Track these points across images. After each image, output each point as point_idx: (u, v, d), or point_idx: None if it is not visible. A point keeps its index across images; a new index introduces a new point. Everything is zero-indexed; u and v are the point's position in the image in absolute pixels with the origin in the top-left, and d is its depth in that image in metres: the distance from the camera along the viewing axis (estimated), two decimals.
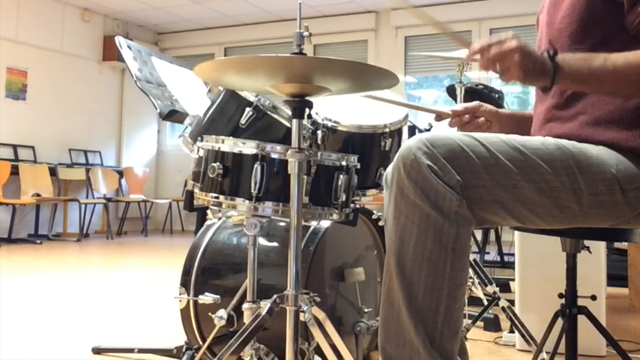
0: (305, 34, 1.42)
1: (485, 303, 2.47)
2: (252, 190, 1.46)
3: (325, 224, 1.85)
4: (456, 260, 1.15)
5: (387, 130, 1.91)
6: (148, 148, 9.27)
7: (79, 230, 7.34)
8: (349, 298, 1.96)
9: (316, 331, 1.44)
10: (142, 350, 2.21)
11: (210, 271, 1.96)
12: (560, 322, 1.55)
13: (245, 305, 1.55)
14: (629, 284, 3.44)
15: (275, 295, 1.40)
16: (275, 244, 1.96)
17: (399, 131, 1.96)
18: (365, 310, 1.93)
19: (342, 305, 1.95)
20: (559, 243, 1.56)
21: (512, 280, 2.70)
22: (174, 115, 2.02)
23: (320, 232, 1.83)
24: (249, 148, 1.48)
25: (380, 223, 2.06)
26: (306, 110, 1.43)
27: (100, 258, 5.76)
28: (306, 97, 1.40)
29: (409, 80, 8.18)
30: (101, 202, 7.65)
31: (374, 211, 2.08)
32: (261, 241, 1.92)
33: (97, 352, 2.24)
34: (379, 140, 1.90)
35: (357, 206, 1.77)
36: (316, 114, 1.90)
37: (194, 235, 2.06)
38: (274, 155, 1.47)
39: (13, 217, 6.95)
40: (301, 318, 1.40)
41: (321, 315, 1.46)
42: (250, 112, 1.74)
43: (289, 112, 1.48)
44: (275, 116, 1.78)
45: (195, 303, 1.90)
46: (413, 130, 2.86)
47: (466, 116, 1.57)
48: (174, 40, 9.39)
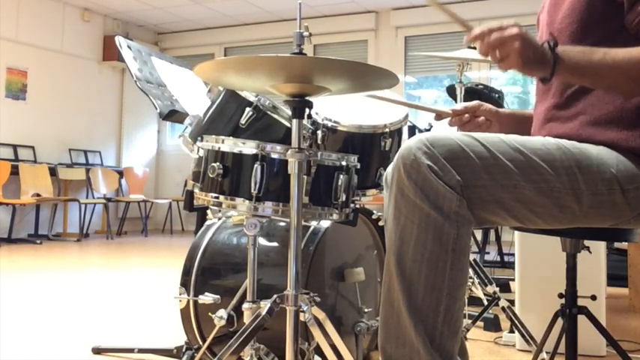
0: (305, 34, 1.42)
1: (485, 303, 2.47)
2: (252, 190, 1.46)
3: (325, 224, 1.85)
4: (456, 260, 1.15)
5: (387, 130, 1.91)
6: (148, 148, 9.27)
7: (79, 230, 7.34)
8: (349, 298, 1.96)
9: (316, 331, 1.44)
10: (142, 350, 2.21)
11: (210, 271, 1.96)
12: (560, 322, 1.55)
13: (245, 305, 1.55)
14: (629, 284, 3.44)
15: (275, 295, 1.40)
16: (275, 244, 1.96)
17: (399, 131, 1.96)
18: (365, 310, 1.93)
19: (342, 305, 1.95)
20: (559, 243, 1.56)
21: (512, 280, 2.70)
22: (174, 115, 2.02)
23: (320, 232, 1.83)
24: (249, 148, 1.48)
25: (380, 223, 2.06)
26: (306, 110, 1.43)
27: (100, 258, 5.76)
28: (306, 97, 1.40)
29: (409, 80, 8.18)
30: (101, 202, 7.66)
31: (374, 211, 2.08)
32: (261, 241, 1.92)
33: (97, 352, 2.24)
34: (379, 140, 1.90)
35: (357, 206, 1.77)
36: (316, 114, 1.90)
37: (194, 235, 2.06)
38: (274, 155, 1.48)
39: (13, 217, 6.95)
40: (301, 318, 1.40)
41: (321, 315, 1.46)
42: (250, 112, 1.74)
43: (289, 112, 1.48)
44: (275, 116, 1.78)
45: (195, 303, 1.90)
46: (413, 130, 2.86)
47: (466, 115, 1.56)
48: (174, 40, 9.39)
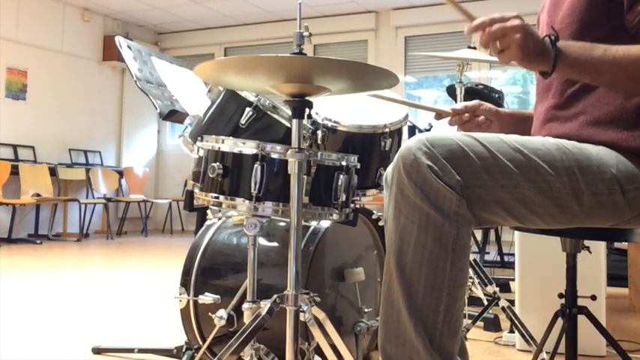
0: (305, 34, 1.42)
1: (485, 303, 2.47)
2: (252, 190, 1.46)
3: (325, 224, 1.85)
4: (456, 260, 1.15)
5: (387, 130, 1.91)
6: (148, 148, 9.27)
7: (79, 230, 7.34)
8: (349, 298, 1.96)
9: (316, 331, 1.44)
10: (142, 350, 2.21)
11: (210, 271, 1.96)
12: (560, 322, 1.55)
13: (245, 305, 1.55)
14: (629, 284, 3.44)
15: (275, 295, 1.40)
16: (275, 244, 1.96)
17: (399, 131, 1.96)
18: (365, 310, 1.93)
19: (342, 305, 1.95)
20: (559, 243, 1.56)
21: (512, 280, 2.70)
22: (174, 115, 2.02)
23: (320, 232, 1.83)
24: (249, 148, 1.48)
25: (380, 223, 2.06)
26: (306, 110, 1.43)
27: (100, 258, 5.76)
28: (306, 97, 1.40)
29: (409, 80, 8.17)
30: (101, 202, 7.66)
31: (374, 211, 2.08)
32: (261, 241, 1.92)
33: (97, 352, 2.24)
34: (379, 140, 1.90)
35: (357, 206, 1.77)
36: (316, 114, 1.90)
37: (194, 235, 2.06)
38: (274, 155, 1.47)
39: (13, 217, 6.95)
40: (301, 318, 1.40)
41: (321, 315, 1.46)
42: (250, 112, 1.74)
43: (289, 112, 1.48)
44: (275, 116, 1.78)
45: (195, 303, 1.90)
46: (413, 130, 2.86)
47: (466, 115, 1.56)
48: (174, 40, 9.39)
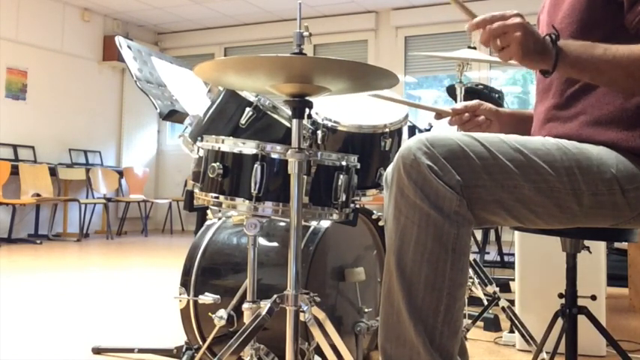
0: (305, 34, 1.42)
1: (485, 303, 2.47)
2: (252, 190, 1.46)
3: (325, 224, 1.85)
4: (456, 260, 1.15)
5: (387, 130, 1.91)
6: (148, 148, 9.27)
7: (79, 230, 7.34)
8: (349, 298, 1.96)
9: (316, 331, 1.44)
10: (142, 350, 2.21)
11: (210, 271, 1.96)
12: (560, 322, 1.55)
13: (245, 305, 1.55)
14: (629, 284, 3.44)
15: (275, 295, 1.40)
16: (275, 244, 1.96)
17: (399, 131, 1.96)
18: (365, 310, 1.93)
19: (342, 305, 1.95)
20: (559, 243, 1.56)
21: (512, 280, 2.70)
22: (174, 115, 2.02)
23: (320, 232, 1.83)
24: (249, 148, 1.48)
25: (380, 223, 2.06)
26: (306, 110, 1.43)
27: (100, 258, 5.76)
28: (306, 97, 1.40)
29: (409, 80, 8.18)
30: (101, 202, 7.66)
31: (374, 211, 2.08)
32: (261, 241, 1.92)
33: (97, 352, 2.24)
34: (379, 140, 1.90)
35: (357, 206, 1.77)
36: (316, 114, 1.90)
37: (194, 235, 2.06)
38: (274, 155, 1.47)
39: (13, 217, 6.95)
40: (301, 318, 1.40)
41: (321, 315, 1.46)
42: (250, 112, 1.74)
43: (289, 112, 1.48)
44: (275, 116, 1.78)
45: (195, 303, 1.90)
46: (413, 130, 2.86)
47: (466, 115, 1.56)
48: (174, 40, 9.39)
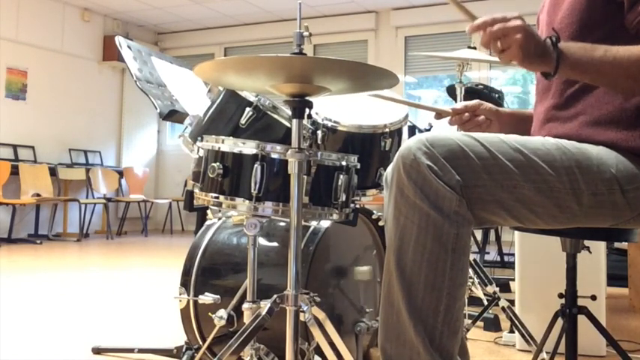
0: (305, 34, 1.42)
1: (485, 303, 2.47)
2: (252, 190, 1.46)
3: (325, 224, 1.85)
4: (456, 260, 1.15)
5: (387, 130, 1.91)
6: (148, 148, 9.27)
7: (79, 230, 7.34)
8: (350, 297, 1.96)
9: (316, 331, 1.44)
10: (142, 350, 2.21)
11: (210, 271, 1.96)
12: (560, 322, 1.55)
13: (245, 305, 1.55)
14: (629, 284, 3.44)
15: (275, 295, 1.40)
16: (275, 244, 1.96)
17: (399, 131, 1.96)
18: (366, 310, 1.93)
19: (342, 305, 1.95)
20: (559, 243, 1.56)
21: (512, 280, 2.70)
22: (174, 115, 2.02)
23: (320, 232, 1.83)
24: (249, 148, 1.48)
25: (380, 223, 2.06)
26: (306, 110, 1.43)
27: (100, 258, 5.76)
28: (306, 97, 1.40)
29: (409, 80, 8.18)
30: (101, 202, 7.66)
31: (374, 211, 2.08)
32: (261, 241, 1.92)
33: (97, 352, 2.24)
34: (379, 140, 1.90)
35: (357, 206, 1.77)
36: (316, 114, 1.90)
37: (194, 235, 2.06)
38: (274, 155, 1.47)
39: (13, 217, 6.95)
40: (301, 318, 1.40)
41: (321, 315, 1.46)
42: (250, 112, 1.74)
43: (289, 112, 1.48)
44: (275, 116, 1.78)
45: (195, 303, 1.90)
46: (413, 130, 2.86)
47: (466, 114, 1.56)
48: (174, 40, 9.39)
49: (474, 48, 2.76)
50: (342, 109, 1.93)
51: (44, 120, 7.73)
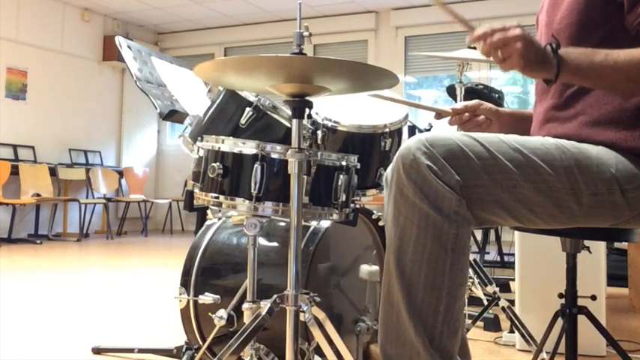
0: (305, 34, 1.42)
1: (485, 303, 2.47)
2: (252, 190, 1.46)
3: (325, 224, 1.85)
4: (456, 260, 1.15)
5: (387, 130, 1.91)
6: (148, 148, 9.27)
7: (79, 230, 7.34)
8: (350, 297, 1.96)
9: (316, 331, 1.44)
10: (142, 350, 2.21)
11: (210, 271, 1.96)
12: (560, 322, 1.55)
13: (245, 305, 1.55)
14: (629, 284, 3.44)
15: (275, 295, 1.40)
16: (275, 244, 1.96)
17: (399, 131, 1.96)
18: (369, 310, 1.93)
19: (342, 305, 1.95)
20: (559, 243, 1.56)
21: (512, 280, 2.70)
22: (174, 115, 2.02)
23: (320, 232, 1.83)
24: (249, 148, 1.48)
25: (380, 223, 2.06)
26: (306, 110, 1.43)
27: (100, 258, 5.76)
28: (306, 97, 1.40)
29: (409, 80, 8.17)
30: (101, 202, 7.66)
31: (374, 211, 2.08)
32: (261, 241, 1.92)
33: (97, 352, 2.25)
34: (379, 140, 1.90)
35: (357, 206, 1.77)
36: (316, 114, 1.90)
37: (194, 235, 2.06)
38: (274, 155, 1.47)
39: (13, 217, 6.95)
40: (301, 318, 1.40)
41: (321, 315, 1.46)
42: (250, 112, 1.74)
43: (289, 112, 1.48)
44: (275, 116, 1.78)
45: (195, 303, 1.90)
46: (413, 130, 2.86)
47: (466, 114, 1.56)
48: (174, 40, 9.39)
49: (473, 48, 2.76)
50: (342, 109, 1.93)
51: (44, 120, 7.73)
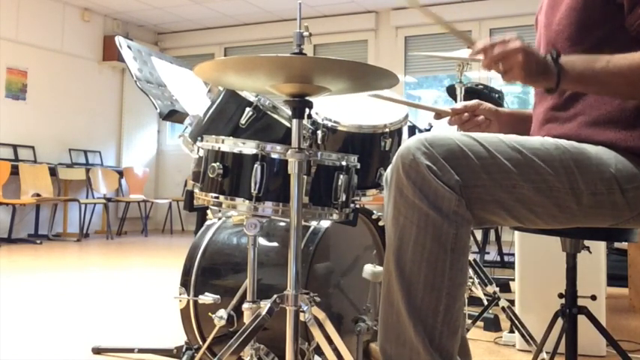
0: (305, 34, 1.42)
1: (486, 303, 2.47)
2: (252, 190, 1.46)
3: (325, 224, 1.85)
4: (456, 260, 1.15)
5: (387, 130, 1.91)
6: (148, 148, 9.27)
7: (79, 230, 7.34)
8: (350, 297, 1.96)
9: (316, 331, 1.44)
10: (142, 350, 2.21)
11: (210, 271, 1.96)
12: (560, 322, 1.55)
13: (245, 305, 1.55)
14: (629, 284, 3.44)
15: (275, 295, 1.40)
16: (275, 244, 1.96)
17: (399, 131, 1.96)
18: (370, 310, 1.93)
19: (342, 305, 1.95)
20: (559, 243, 1.56)
21: (512, 280, 2.70)
22: (174, 115, 2.02)
23: (320, 232, 1.83)
24: (249, 148, 1.48)
25: (380, 223, 2.06)
26: (306, 110, 1.43)
27: (100, 258, 5.76)
28: (306, 97, 1.40)
29: (409, 80, 8.18)
30: (101, 202, 7.66)
31: (374, 211, 2.08)
32: (261, 241, 1.92)
33: (97, 352, 2.25)
34: (379, 140, 1.90)
35: (357, 206, 1.77)
36: (316, 114, 1.90)
37: (194, 235, 2.06)
38: (274, 155, 1.47)
39: (13, 217, 6.95)
40: (301, 318, 1.40)
41: (321, 315, 1.46)
42: (250, 112, 1.74)
43: (289, 112, 1.48)
44: (275, 116, 1.78)
45: (195, 303, 1.90)
46: (413, 130, 2.86)
47: (465, 114, 1.57)
48: (174, 40, 9.39)
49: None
50: (342, 109, 1.93)
51: (44, 120, 7.73)
